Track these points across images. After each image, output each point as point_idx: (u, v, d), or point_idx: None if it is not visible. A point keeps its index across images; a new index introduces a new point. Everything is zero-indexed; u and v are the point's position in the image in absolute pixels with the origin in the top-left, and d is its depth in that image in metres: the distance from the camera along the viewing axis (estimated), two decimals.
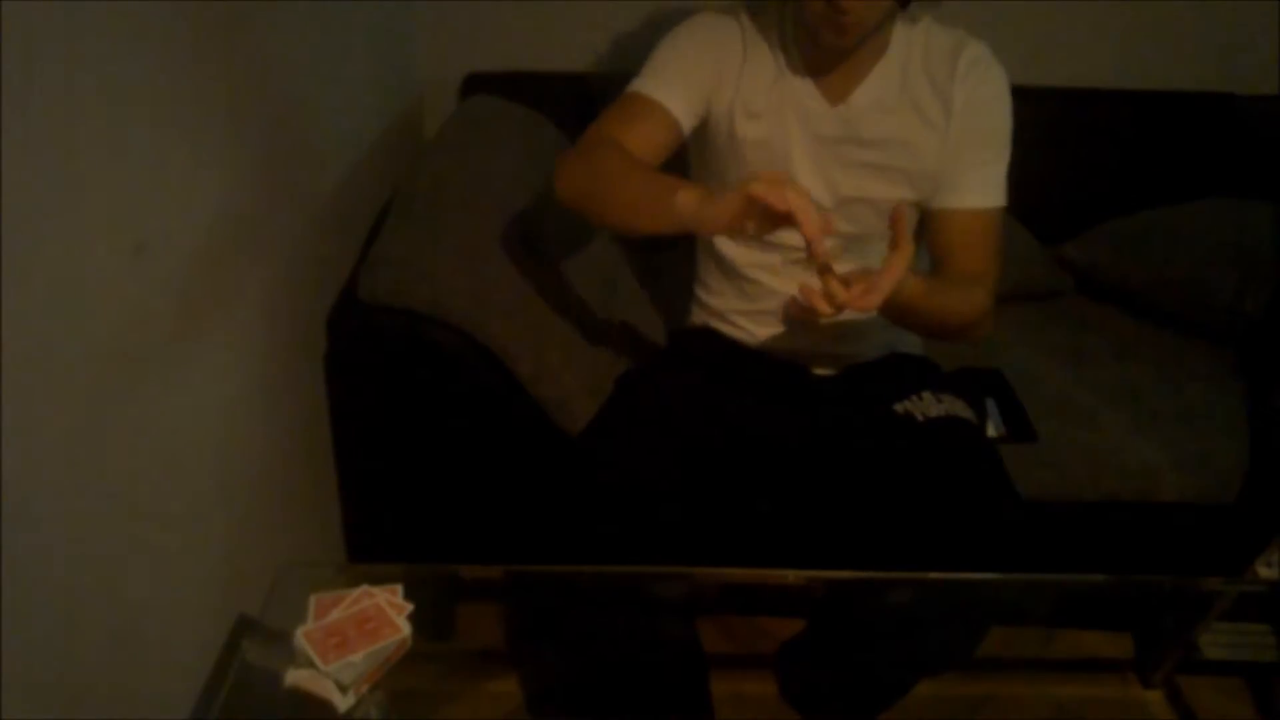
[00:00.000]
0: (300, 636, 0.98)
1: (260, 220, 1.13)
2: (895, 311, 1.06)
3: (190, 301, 0.95)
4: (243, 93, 1.06)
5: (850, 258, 1.25)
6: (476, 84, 1.81)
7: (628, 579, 1.16)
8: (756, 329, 1.36)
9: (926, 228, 1.27)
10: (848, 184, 1.24)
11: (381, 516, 1.43)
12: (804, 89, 1.22)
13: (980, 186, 1.22)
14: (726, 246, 1.33)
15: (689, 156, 1.35)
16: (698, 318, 1.45)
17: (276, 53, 1.16)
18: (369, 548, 1.44)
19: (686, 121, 1.23)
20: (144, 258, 0.85)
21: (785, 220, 0.92)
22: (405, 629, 0.99)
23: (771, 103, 1.23)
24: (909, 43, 1.21)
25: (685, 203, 0.99)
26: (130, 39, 0.82)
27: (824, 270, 0.94)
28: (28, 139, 0.68)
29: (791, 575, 1.26)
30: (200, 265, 0.97)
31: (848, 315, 1.31)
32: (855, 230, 1.27)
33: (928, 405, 1.23)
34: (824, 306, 0.95)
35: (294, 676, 0.97)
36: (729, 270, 1.35)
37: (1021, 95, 1.24)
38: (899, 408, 1.24)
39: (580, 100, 1.78)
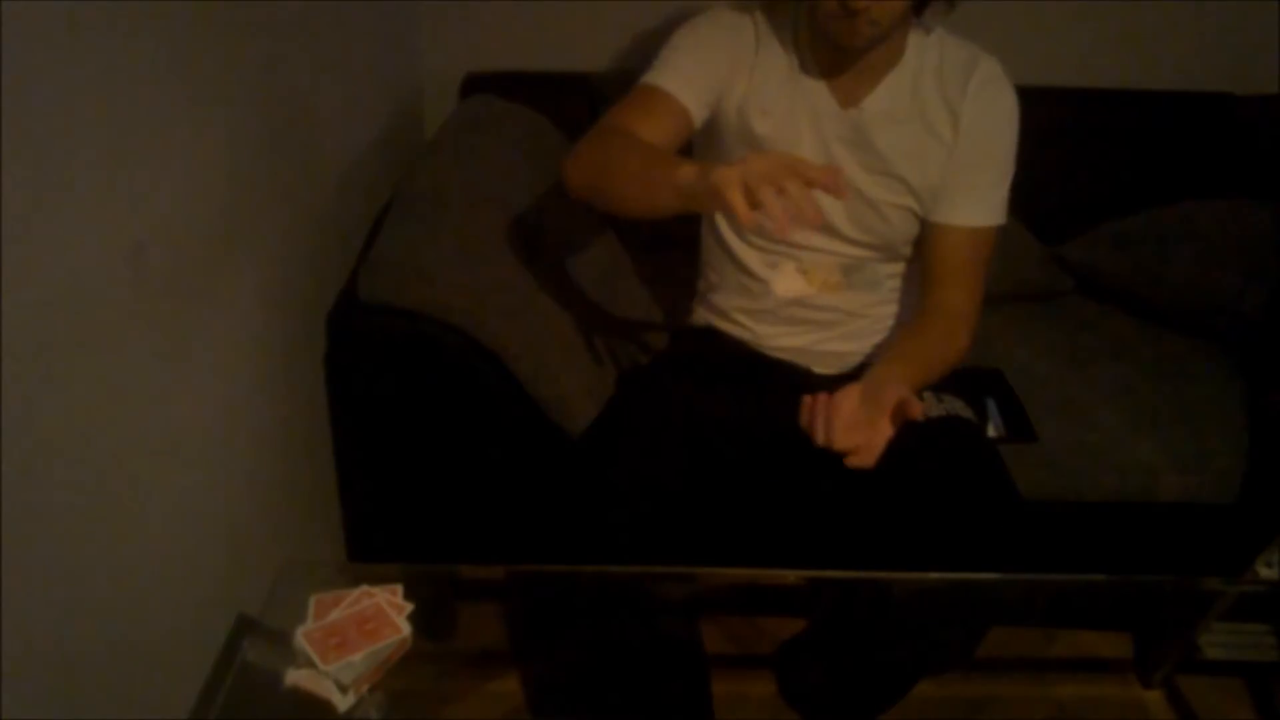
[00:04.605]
0: (300, 636, 0.98)
1: (260, 220, 1.13)
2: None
3: (190, 301, 0.95)
4: (242, 92, 1.06)
5: (853, 284, 1.27)
6: (476, 84, 1.81)
7: (629, 579, 1.16)
8: (759, 327, 1.36)
9: (922, 238, 1.27)
10: (855, 184, 1.24)
11: (381, 516, 1.43)
12: (816, 90, 1.22)
13: (979, 206, 1.23)
14: (735, 245, 1.33)
15: (695, 150, 1.35)
16: (700, 317, 1.45)
17: (277, 52, 1.16)
18: (369, 548, 1.44)
19: (698, 113, 1.22)
20: (143, 257, 0.85)
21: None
22: (405, 629, 0.99)
23: (783, 101, 1.23)
24: (923, 54, 1.21)
25: (686, 176, 0.97)
26: (130, 38, 0.82)
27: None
28: (27, 139, 0.68)
29: (791, 575, 1.27)
30: (200, 265, 0.97)
31: (847, 312, 1.33)
32: (865, 239, 1.27)
33: (928, 405, 1.23)
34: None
35: (294, 676, 0.97)
36: (736, 268, 1.35)
37: (1022, 95, 1.23)
38: None
39: (580, 100, 1.78)
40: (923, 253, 1.27)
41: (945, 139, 1.21)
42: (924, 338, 1.21)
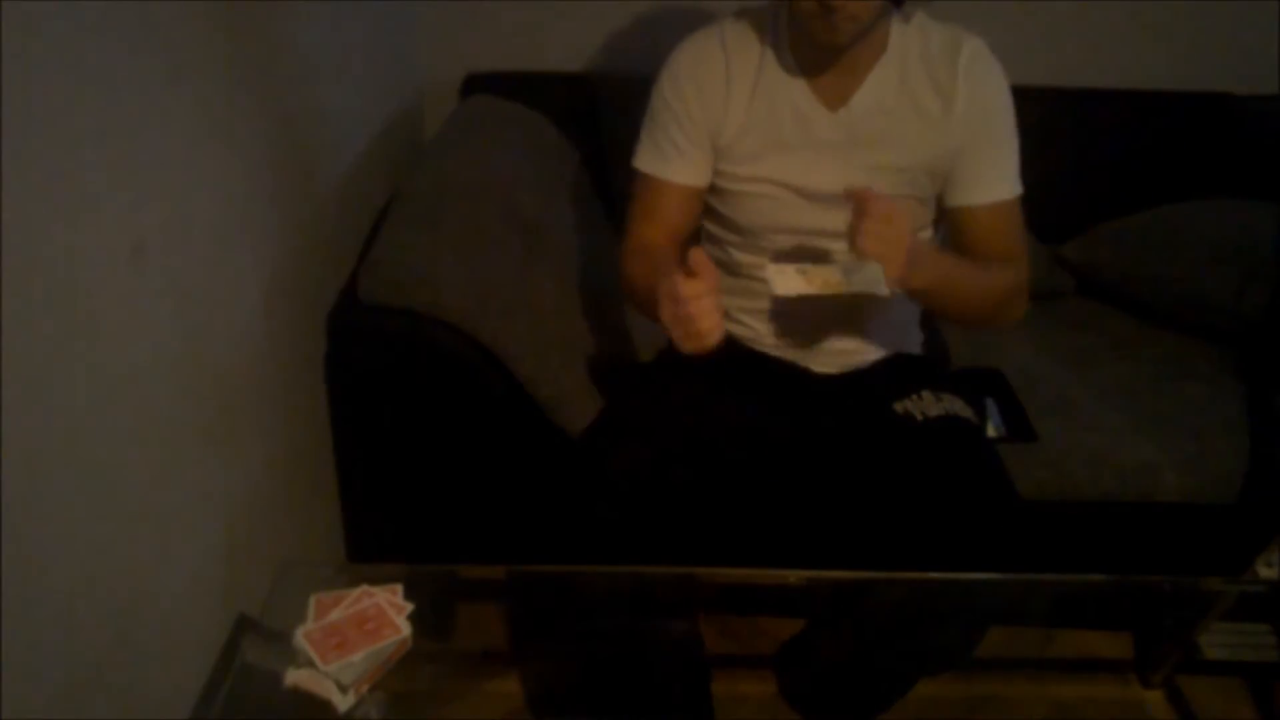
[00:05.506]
0: (300, 636, 0.98)
1: (260, 220, 1.13)
2: (929, 277, 1.11)
3: (190, 301, 0.95)
4: (243, 93, 1.06)
5: (853, 283, 1.27)
6: (476, 84, 1.81)
7: (628, 579, 1.16)
8: (759, 325, 1.36)
9: (949, 226, 1.26)
10: (851, 178, 1.24)
11: (381, 516, 1.43)
12: (799, 91, 1.22)
13: (996, 180, 1.22)
14: (731, 249, 1.33)
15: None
16: None
17: (277, 53, 1.16)
18: (369, 548, 1.44)
19: (701, 179, 1.26)
20: (143, 258, 0.85)
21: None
22: (405, 629, 0.99)
23: (762, 111, 1.22)
24: (906, 42, 1.21)
25: None
26: (130, 39, 0.82)
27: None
28: (28, 139, 0.68)
29: (791, 575, 1.27)
30: (200, 265, 0.97)
31: (848, 310, 1.33)
32: None
33: (928, 404, 1.23)
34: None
35: (294, 676, 0.97)
36: (733, 270, 1.35)
37: (1022, 95, 1.23)
38: (899, 407, 1.24)
39: (580, 100, 1.78)
40: (954, 241, 1.26)
41: (938, 123, 1.20)
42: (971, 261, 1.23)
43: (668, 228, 1.27)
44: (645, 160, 1.27)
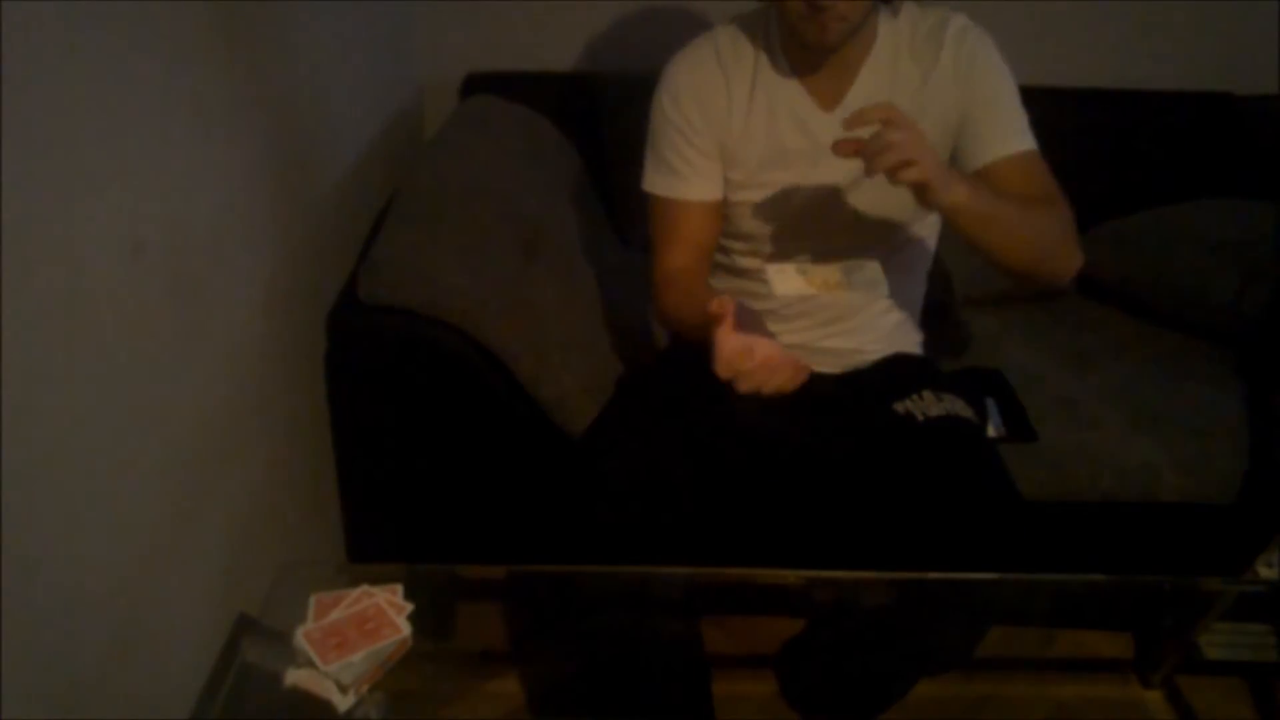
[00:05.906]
0: (300, 636, 0.98)
1: (260, 220, 1.13)
2: (967, 189, 1.06)
3: (190, 301, 0.95)
4: (243, 93, 1.06)
5: (853, 283, 1.27)
6: (476, 84, 1.81)
7: (628, 579, 1.16)
8: None
9: None
10: (853, 177, 1.23)
11: (381, 516, 1.43)
12: (794, 93, 1.22)
13: (1005, 134, 1.20)
14: (735, 255, 1.33)
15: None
16: None
17: (277, 52, 1.16)
18: (369, 548, 1.44)
19: (718, 191, 1.25)
20: (143, 257, 0.85)
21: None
22: (405, 629, 0.99)
23: (761, 117, 1.22)
24: (895, 34, 1.21)
25: None
26: (130, 39, 0.82)
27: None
28: (28, 139, 0.68)
29: (791, 575, 1.27)
30: (200, 265, 0.97)
31: (848, 309, 1.32)
32: (877, 214, 1.26)
33: (928, 404, 1.23)
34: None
35: (294, 676, 0.97)
36: (735, 272, 1.35)
37: (1022, 95, 1.23)
38: (899, 407, 1.24)
39: (580, 100, 1.78)
40: None
41: (924, 90, 1.20)
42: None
43: (694, 247, 1.26)
44: (657, 183, 1.26)
